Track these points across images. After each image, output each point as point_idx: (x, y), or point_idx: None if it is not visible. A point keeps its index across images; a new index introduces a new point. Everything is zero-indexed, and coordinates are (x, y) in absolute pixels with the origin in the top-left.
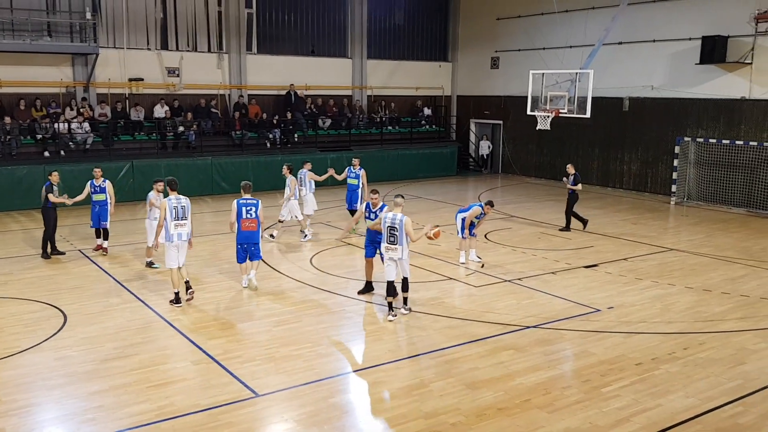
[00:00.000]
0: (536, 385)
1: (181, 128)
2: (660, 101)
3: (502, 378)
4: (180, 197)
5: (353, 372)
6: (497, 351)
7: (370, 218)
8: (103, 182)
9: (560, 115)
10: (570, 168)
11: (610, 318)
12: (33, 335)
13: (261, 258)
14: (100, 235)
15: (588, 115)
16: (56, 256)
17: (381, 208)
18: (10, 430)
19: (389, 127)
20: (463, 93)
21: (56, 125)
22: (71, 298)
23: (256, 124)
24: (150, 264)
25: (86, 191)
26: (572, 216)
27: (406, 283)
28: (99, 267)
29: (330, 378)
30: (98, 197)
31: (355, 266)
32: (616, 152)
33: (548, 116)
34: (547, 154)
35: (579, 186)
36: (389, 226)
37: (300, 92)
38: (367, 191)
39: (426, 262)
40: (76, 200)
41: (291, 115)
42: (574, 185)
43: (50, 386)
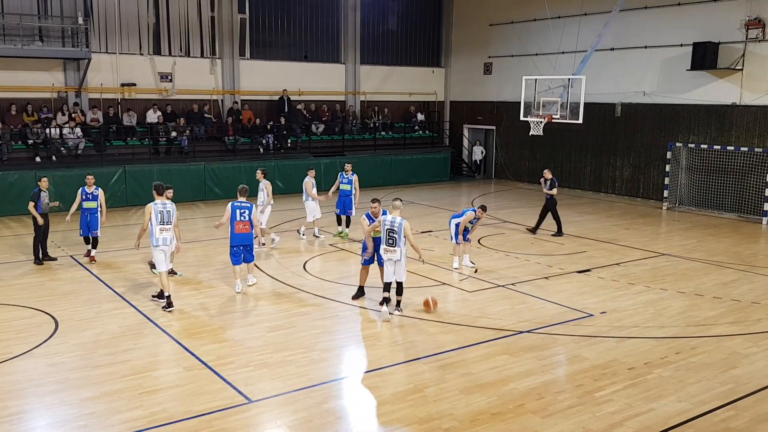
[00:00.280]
0: (530, 390)
1: (174, 133)
2: (652, 107)
3: (496, 383)
4: (166, 202)
5: (347, 377)
6: (491, 356)
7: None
8: (96, 190)
9: (553, 121)
10: (547, 173)
11: (603, 323)
12: (25, 341)
13: (254, 260)
14: (89, 243)
15: (580, 121)
16: (48, 262)
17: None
18: None
19: (382, 133)
20: (457, 98)
21: (48, 130)
22: (63, 304)
23: (249, 130)
24: (172, 270)
25: (78, 200)
26: (551, 219)
27: (400, 287)
28: (91, 273)
29: (324, 384)
30: (89, 204)
31: (349, 272)
32: (609, 158)
33: (541, 122)
34: (540, 160)
35: (554, 191)
36: (388, 229)
37: (293, 98)
38: (360, 196)
39: (420, 268)
40: (72, 212)
41: (285, 120)
42: (550, 190)
43: (42, 393)
